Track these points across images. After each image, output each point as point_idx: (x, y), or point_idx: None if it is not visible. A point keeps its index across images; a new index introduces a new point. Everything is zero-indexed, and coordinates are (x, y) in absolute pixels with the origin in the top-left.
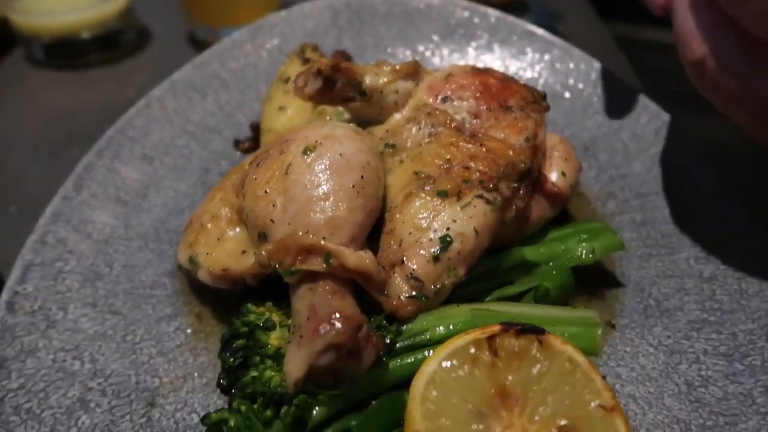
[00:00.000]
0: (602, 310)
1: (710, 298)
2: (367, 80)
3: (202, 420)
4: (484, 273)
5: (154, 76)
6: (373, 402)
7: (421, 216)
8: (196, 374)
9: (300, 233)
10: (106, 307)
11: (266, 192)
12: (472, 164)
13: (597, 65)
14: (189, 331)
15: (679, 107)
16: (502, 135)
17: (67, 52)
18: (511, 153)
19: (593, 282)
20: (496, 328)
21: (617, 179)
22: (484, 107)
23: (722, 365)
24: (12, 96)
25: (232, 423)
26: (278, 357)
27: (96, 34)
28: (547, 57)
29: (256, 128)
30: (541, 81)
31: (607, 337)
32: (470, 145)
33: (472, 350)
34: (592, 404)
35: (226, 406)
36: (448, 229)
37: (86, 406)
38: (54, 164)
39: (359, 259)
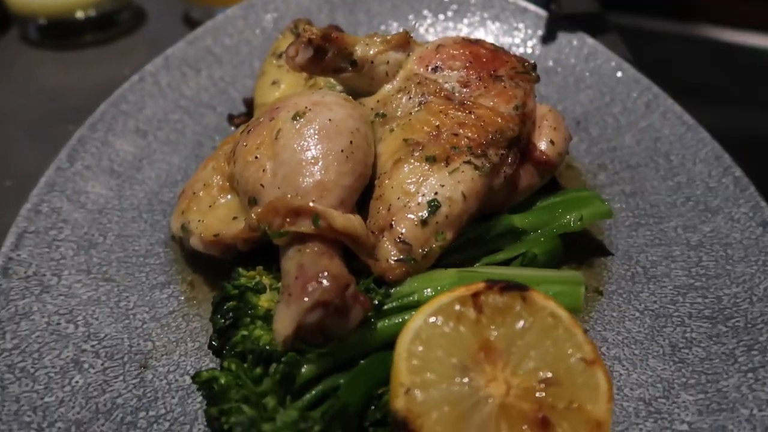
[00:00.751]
0: (590, 277)
1: (696, 264)
2: (358, 51)
3: (193, 378)
4: (473, 240)
5: (148, 56)
6: (362, 361)
7: (409, 181)
8: (188, 339)
9: (289, 196)
10: (100, 274)
11: (256, 158)
12: (461, 131)
13: (589, 40)
14: (182, 298)
15: (688, 98)
16: (492, 103)
17: (62, 32)
18: (499, 120)
19: (583, 250)
20: (481, 285)
21: (608, 152)
22: (474, 76)
23: (706, 327)
24: (7, 76)
25: (222, 380)
26: (268, 318)
27: (91, 14)
28: (539, 33)
29: (249, 103)
30: (533, 56)
31: (595, 303)
32: (459, 113)
33: (457, 307)
34: (574, 357)
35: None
36: (436, 193)
37: (80, 366)
38: (49, 141)
39: (347, 220)
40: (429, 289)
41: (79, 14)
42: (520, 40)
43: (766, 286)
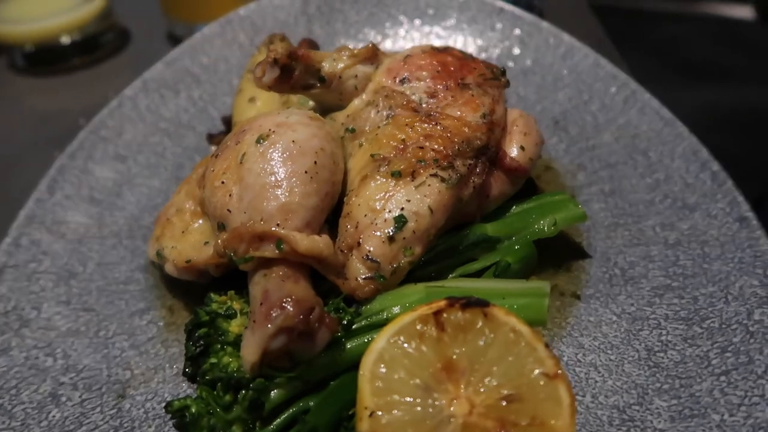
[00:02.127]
0: (568, 282)
1: (674, 263)
2: (326, 66)
3: (166, 407)
4: (446, 251)
5: (134, 76)
6: (332, 383)
7: (376, 198)
8: (167, 365)
9: (254, 221)
10: (80, 304)
11: (223, 182)
12: (426, 143)
13: (566, 38)
14: (161, 323)
15: (663, 75)
16: (459, 113)
17: (48, 57)
18: (466, 130)
19: (560, 255)
20: (442, 303)
21: (587, 151)
22: (441, 86)
23: (682, 329)
24: None
25: (193, 409)
26: (238, 343)
27: (76, 38)
28: (516, 32)
29: (228, 121)
30: (511, 57)
31: (572, 308)
32: (426, 125)
33: (419, 326)
34: (535, 372)
35: (194, 395)
36: (402, 209)
37: (57, 400)
38: (36, 168)
39: (311, 243)
40: (397, 306)
41: (65, 39)
42: (497, 40)
43: (741, 284)
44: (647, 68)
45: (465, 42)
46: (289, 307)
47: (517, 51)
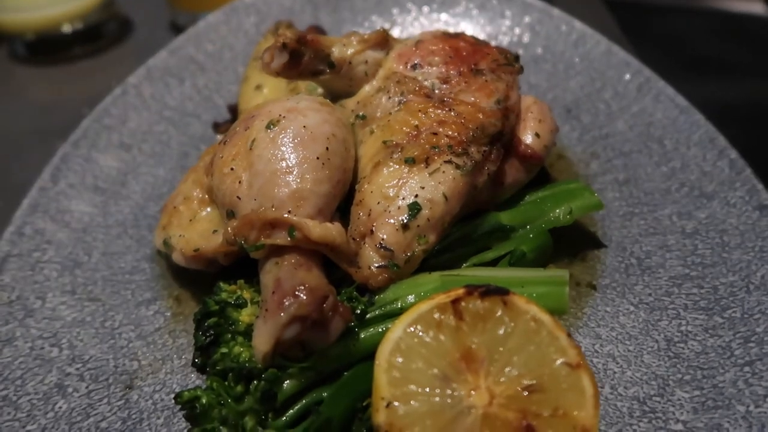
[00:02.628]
0: (583, 272)
1: (692, 253)
2: (335, 52)
3: (175, 398)
4: (460, 239)
5: (137, 66)
6: (345, 373)
7: (389, 185)
8: (174, 356)
9: (265, 208)
10: (85, 294)
11: (232, 169)
12: (440, 129)
13: (578, 25)
14: (168, 314)
15: (671, 70)
16: (473, 99)
17: (50, 47)
18: (481, 116)
19: (575, 244)
20: (461, 291)
21: (600, 139)
22: (454, 72)
23: (702, 319)
24: None
25: (204, 400)
26: (249, 333)
27: (78, 27)
28: (527, 19)
29: (234, 110)
30: (522, 45)
31: (588, 299)
32: (439, 111)
33: (437, 315)
34: (558, 362)
35: (204, 385)
36: (416, 196)
37: (63, 391)
38: (39, 157)
39: (324, 230)
40: (412, 295)
41: (66, 28)
42: (507, 27)
43: (763, 273)
44: (653, 61)
45: (473, 30)
46: (302, 295)
47: (527, 38)
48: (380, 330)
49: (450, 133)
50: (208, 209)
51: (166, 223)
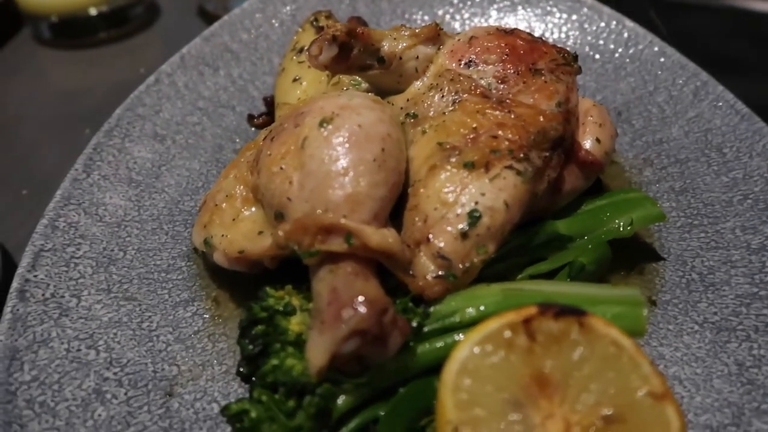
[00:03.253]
0: (642, 286)
1: (760, 270)
2: (385, 46)
3: (222, 411)
4: (515, 249)
5: (164, 52)
6: (401, 389)
7: (446, 190)
8: (215, 361)
9: (318, 211)
10: (121, 293)
11: (282, 168)
12: (500, 132)
13: (630, 24)
14: (206, 316)
15: (713, 70)
16: (532, 100)
17: (74, 30)
18: (541, 119)
19: (631, 256)
20: (533, 310)
21: (653, 145)
22: (512, 71)
23: None
24: (21, 77)
25: (253, 414)
26: (300, 343)
27: (103, 10)
28: (575, 17)
29: (270, 102)
30: (569, 43)
31: (649, 315)
32: (498, 112)
33: (507, 334)
34: (640, 391)
35: (247, 395)
36: (476, 203)
37: (102, 397)
38: (65, 145)
39: (382, 237)
40: (471, 309)
41: (92, 11)
42: (554, 25)
43: None
44: None
45: (520, 26)
46: (361, 307)
47: (575, 36)
48: (438, 345)
49: (510, 136)
50: (253, 209)
51: (207, 221)
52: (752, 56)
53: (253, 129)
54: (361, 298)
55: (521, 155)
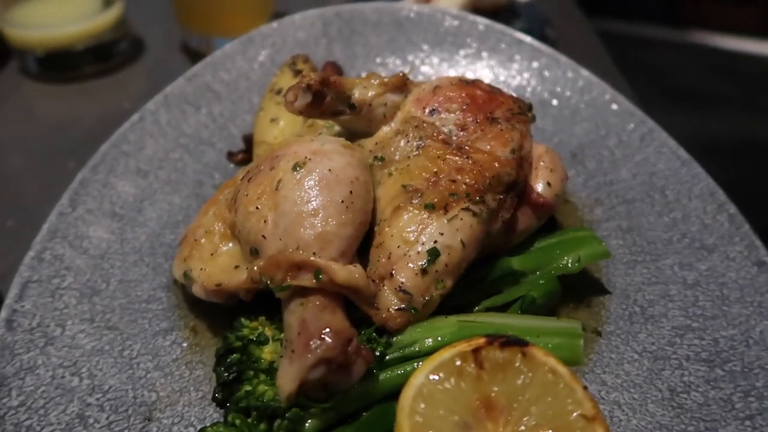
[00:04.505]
0: (588, 318)
1: (693, 304)
2: (356, 94)
3: None
4: (473, 283)
5: (148, 86)
6: (364, 414)
7: (409, 229)
8: (192, 388)
9: (290, 249)
10: (103, 322)
11: (257, 208)
12: (458, 177)
13: (584, 73)
14: (185, 344)
15: (665, 102)
16: (489, 147)
17: (61, 64)
18: (497, 165)
19: (580, 289)
20: (481, 340)
21: (604, 186)
22: (471, 119)
23: (704, 371)
24: (6, 109)
25: None
26: (271, 371)
27: (90, 45)
28: (535, 65)
29: (248, 140)
30: (529, 89)
31: (594, 345)
32: (457, 158)
33: (458, 362)
34: (574, 414)
35: (222, 420)
36: (435, 242)
37: (85, 422)
38: (50, 177)
39: (348, 273)
40: (429, 339)
41: (78, 46)
42: (516, 71)
43: (761, 329)
44: (636, 90)
45: (483, 72)
46: (328, 338)
47: (534, 83)
48: (399, 372)
49: (468, 181)
50: (230, 244)
51: (187, 255)
52: (723, 91)
53: (232, 165)
54: (327, 330)
55: (477, 198)
